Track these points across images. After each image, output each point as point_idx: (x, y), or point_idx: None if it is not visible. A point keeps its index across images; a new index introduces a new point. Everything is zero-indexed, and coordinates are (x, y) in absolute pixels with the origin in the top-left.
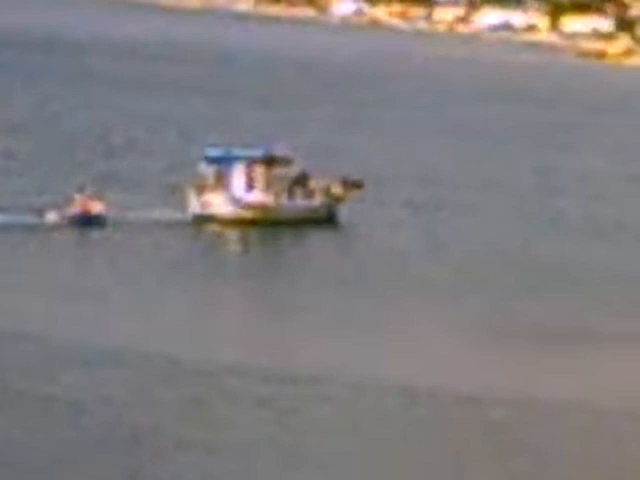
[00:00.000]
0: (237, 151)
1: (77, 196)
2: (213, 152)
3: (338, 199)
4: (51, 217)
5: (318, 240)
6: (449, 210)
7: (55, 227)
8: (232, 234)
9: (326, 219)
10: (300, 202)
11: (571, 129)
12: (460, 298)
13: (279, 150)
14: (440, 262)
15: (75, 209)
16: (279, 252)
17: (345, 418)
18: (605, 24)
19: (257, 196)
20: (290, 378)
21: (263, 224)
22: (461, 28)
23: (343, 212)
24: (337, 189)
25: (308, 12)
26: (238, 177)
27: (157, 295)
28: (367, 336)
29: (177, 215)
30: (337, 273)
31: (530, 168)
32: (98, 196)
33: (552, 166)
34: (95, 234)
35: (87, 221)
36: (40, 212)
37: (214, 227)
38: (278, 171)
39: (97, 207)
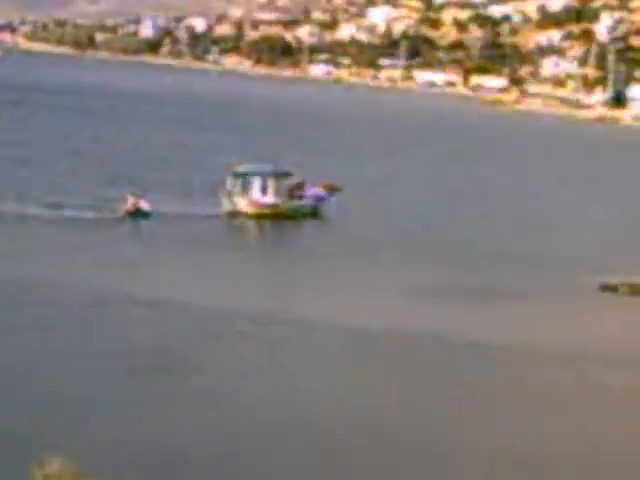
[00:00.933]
0: (254, 168)
1: (130, 197)
2: (239, 169)
3: (320, 199)
4: (112, 212)
5: (307, 228)
6: (395, 207)
7: (115, 220)
8: (251, 224)
9: (313, 214)
10: (297, 202)
11: (476, 150)
12: (399, 265)
13: (283, 167)
14: (387, 242)
15: (128, 206)
16: (282, 235)
17: (321, 345)
18: (501, 81)
19: (268, 199)
20: (283, 318)
21: (272, 218)
22: (400, 84)
23: (325, 209)
24: (319, 192)
25: (293, 73)
26: (256, 186)
27: (195, 263)
28: (338, 290)
29: (214, 211)
30: (319, 249)
31: (448, 175)
32: (144, 197)
33: (467, 173)
34: (143, 224)
35: (137, 215)
36: (103, 209)
37: (239, 220)
38: (282, 181)
39: (144, 205)
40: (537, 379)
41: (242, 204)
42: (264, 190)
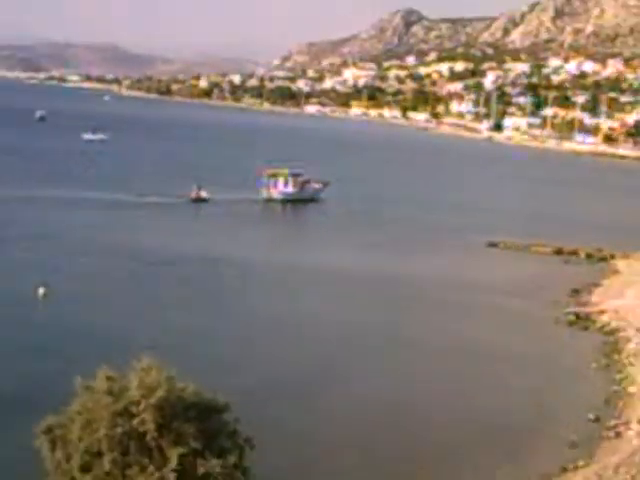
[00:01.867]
0: (279, 170)
1: (194, 189)
2: (269, 171)
3: (318, 190)
4: (182, 199)
5: (310, 207)
6: (362, 195)
7: (183, 204)
8: (278, 206)
9: (313, 199)
10: (305, 192)
11: (413, 156)
12: (362, 230)
13: (297, 170)
14: (356, 216)
15: (192, 195)
16: (296, 212)
17: (311, 278)
18: (425, 115)
19: (288, 190)
20: (297, 265)
21: (290, 202)
22: (365, 117)
23: (320, 196)
24: (317, 185)
25: (295, 110)
26: (280, 182)
27: (240, 231)
28: (325, 244)
29: (256, 197)
30: (316, 221)
31: (399, 173)
32: (203, 188)
33: (410, 171)
34: (204, 207)
35: (199, 201)
36: (179, 197)
37: (272, 204)
38: (296, 179)
39: (203, 194)
40: (444, 298)
41: (273, 193)
42: (285, 184)
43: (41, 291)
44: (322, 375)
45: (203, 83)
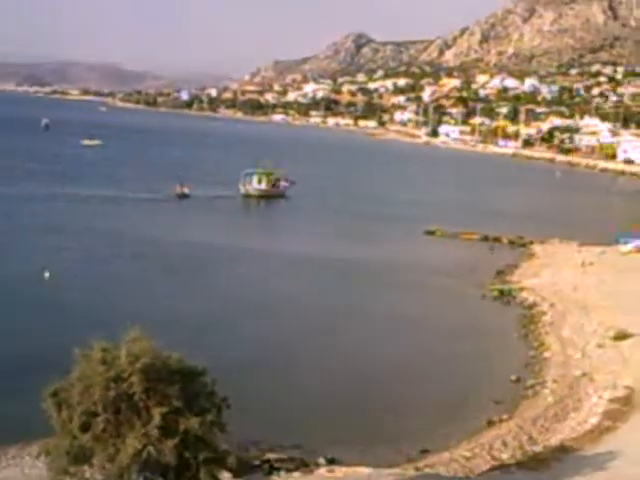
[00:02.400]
0: (254, 170)
1: (178, 186)
2: (247, 171)
3: (287, 187)
4: (168, 195)
5: (279, 202)
6: (325, 192)
7: (169, 199)
8: (254, 201)
9: (282, 195)
10: (275, 189)
11: (365, 157)
12: (325, 221)
13: (270, 168)
14: (319, 210)
15: (177, 191)
16: (268, 206)
17: (282, 261)
18: (374, 123)
19: (262, 187)
20: (268, 251)
21: (263, 197)
22: (320, 125)
23: (288, 192)
24: (285, 183)
25: (264, 119)
26: (255, 180)
27: (220, 221)
28: (292, 233)
29: (233, 193)
30: (285, 213)
31: (352, 173)
32: (186, 185)
33: (364, 170)
34: (185, 202)
35: (182, 196)
36: (163, 193)
37: (248, 199)
38: (268, 177)
39: (186, 190)
40: (390, 279)
41: (249, 189)
42: (259, 182)
43: (46, 274)
44: (290, 345)
45: (184, 96)
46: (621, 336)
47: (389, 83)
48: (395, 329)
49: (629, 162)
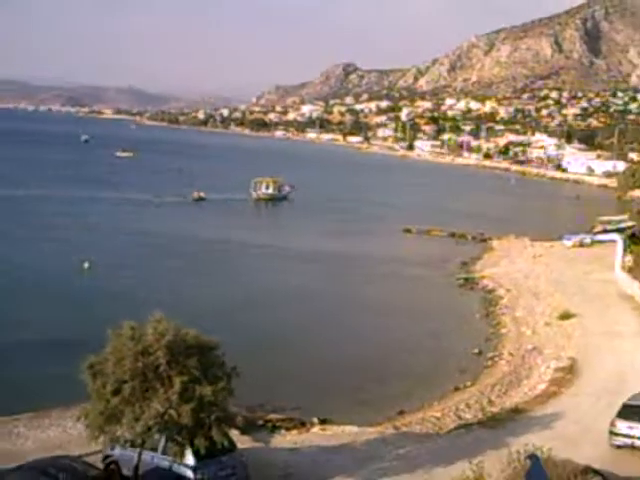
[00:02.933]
0: (263, 178)
1: (195, 191)
2: (256, 179)
3: (289, 191)
4: (187, 199)
5: (284, 205)
6: (322, 195)
7: (189, 202)
8: (263, 204)
9: (285, 198)
10: (279, 193)
11: (354, 167)
12: (322, 221)
13: (274, 177)
14: (317, 210)
15: (195, 196)
16: (274, 207)
17: (286, 255)
18: (360, 139)
19: (269, 191)
20: (272, 244)
21: (270, 200)
22: (316, 140)
23: (290, 196)
24: (288, 188)
25: (268, 135)
26: (264, 185)
27: (232, 220)
28: (295, 231)
29: (247, 197)
30: (288, 213)
31: (345, 179)
32: (202, 190)
33: (355, 177)
34: (204, 204)
35: (199, 200)
36: (183, 197)
37: (259, 201)
38: (274, 183)
39: (202, 194)
40: (373, 270)
41: (259, 193)
42: (267, 187)
43: (86, 265)
44: (289, 325)
45: (201, 115)
46: (565, 316)
47: (373, 105)
48: (377, 311)
49: (571, 172)
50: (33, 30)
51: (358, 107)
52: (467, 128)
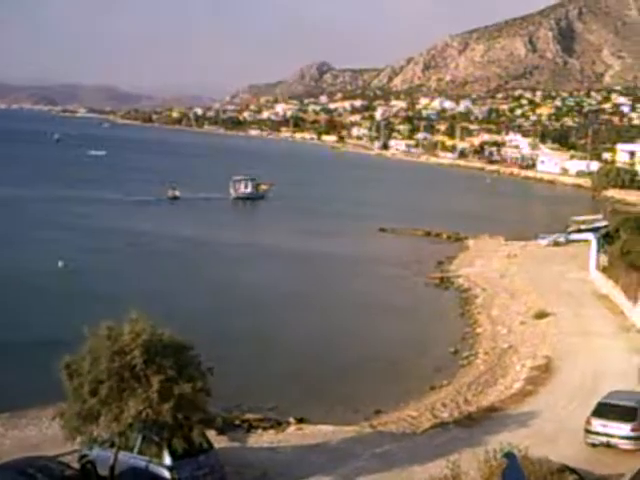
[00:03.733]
0: (241, 177)
1: (170, 190)
2: (235, 177)
3: (266, 190)
4: (162, 197)
5: (261, 203)
6: (299, 193)
7: (163, 201)
8: (241, 202)
9: (262, 197)
10: (258, 192)
11: (328, 166)
12: (297, 219)
13: (252, 175)
14: (293, 209)
15: (169, 194)
16: (252, 206)
17: (261, 252)
18: (334, 138)
19: (247, 190)
20: (249, 243)
21: (248, 199)
22: (290, 139)
23: (268, 195)
24: (266, 186)
25: (242, 133)
26: (242, 184)
27: (208, 219)
28: (271, 229)
29: (222, 196)
30: (265, 211)
31: (319, 178)
32: (177, 188)
33: (330, 176)
34: (177, 203)
35: (174, 199)
36: (158, 195)
37: (236, 200)
38: (252, 182)
39: (177, 193)
40: (349, 268)
41: (237, 192)
42: (246, 186)
43: (60, 264)
44: (264, 324)
45: (175, 114)
46: (541, 315)
47: (347, 104)
48: (352, 311)
49: (545, 172)
50: (6, 29)
51: (332, 106)
52: (441, 128)
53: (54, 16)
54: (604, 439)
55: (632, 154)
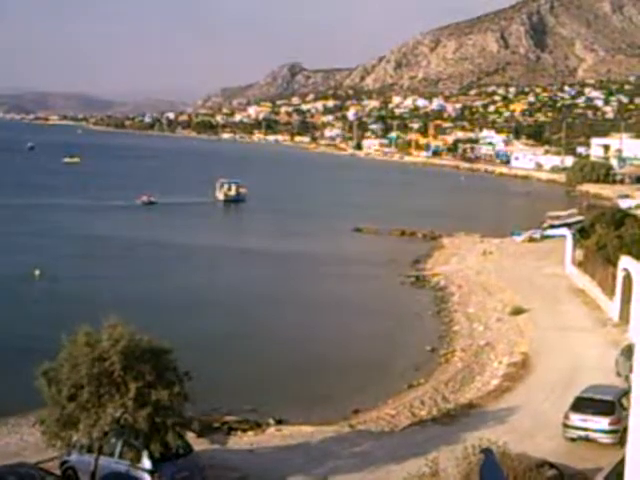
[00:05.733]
0: (224, 180)
1: (144, 195)
2: (220, 180)
3: (245, 193)
4: (135, 202)
5: (242, 205)
6: (274, 194)
7: (138, 207)
8: (222, 204)
9: (243, 200)
10: (237, 195)
11: (303, 166)
12: (274, 220)
13: (234, 180)
14: (270, 210)
15: (144, 199)
16: (234, 208)
17: (241, 253)
18: (307, 139)
19: (230, 193)
20: (222, 246)
21: (231, 201)
22: (262, 141)
23: (246, 197)
24: (244, 190)
25: (215, 137)
26: (225, 187)
27: (192, 223)
28: (249, 230)
29: (208, 200)
30: (244, 212)
31: (296, 179)
32: (152, 195)
33: (305, 177)
34: (153, 208)
35: (149, 204)
36: (131, 200)
37: (219, 203)
38: (234, 185)
39: (152, 198)
40: (325, 269)
41: (221, 195)
42: (229, 189)
43: (37, 272)
44: (240, 326)
45: (147, 119)
46: (517, 311)
47: (319, 105)
48: (329, 310)
49: (520, 167)
50: None
51: (305, 107)
52: (415, 126)
53: (21, 24)
54: (583, 433)
55: (606, 148)
